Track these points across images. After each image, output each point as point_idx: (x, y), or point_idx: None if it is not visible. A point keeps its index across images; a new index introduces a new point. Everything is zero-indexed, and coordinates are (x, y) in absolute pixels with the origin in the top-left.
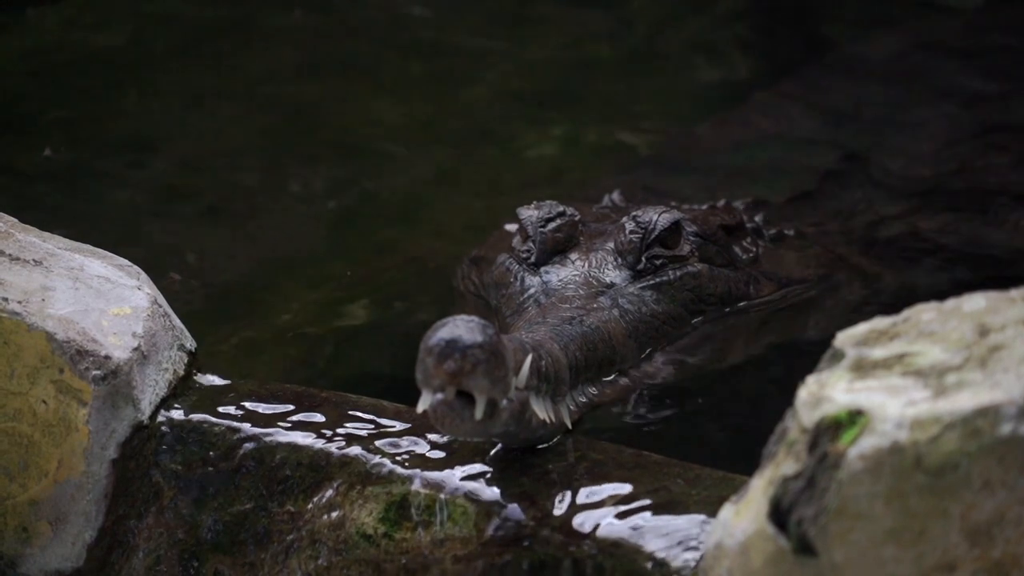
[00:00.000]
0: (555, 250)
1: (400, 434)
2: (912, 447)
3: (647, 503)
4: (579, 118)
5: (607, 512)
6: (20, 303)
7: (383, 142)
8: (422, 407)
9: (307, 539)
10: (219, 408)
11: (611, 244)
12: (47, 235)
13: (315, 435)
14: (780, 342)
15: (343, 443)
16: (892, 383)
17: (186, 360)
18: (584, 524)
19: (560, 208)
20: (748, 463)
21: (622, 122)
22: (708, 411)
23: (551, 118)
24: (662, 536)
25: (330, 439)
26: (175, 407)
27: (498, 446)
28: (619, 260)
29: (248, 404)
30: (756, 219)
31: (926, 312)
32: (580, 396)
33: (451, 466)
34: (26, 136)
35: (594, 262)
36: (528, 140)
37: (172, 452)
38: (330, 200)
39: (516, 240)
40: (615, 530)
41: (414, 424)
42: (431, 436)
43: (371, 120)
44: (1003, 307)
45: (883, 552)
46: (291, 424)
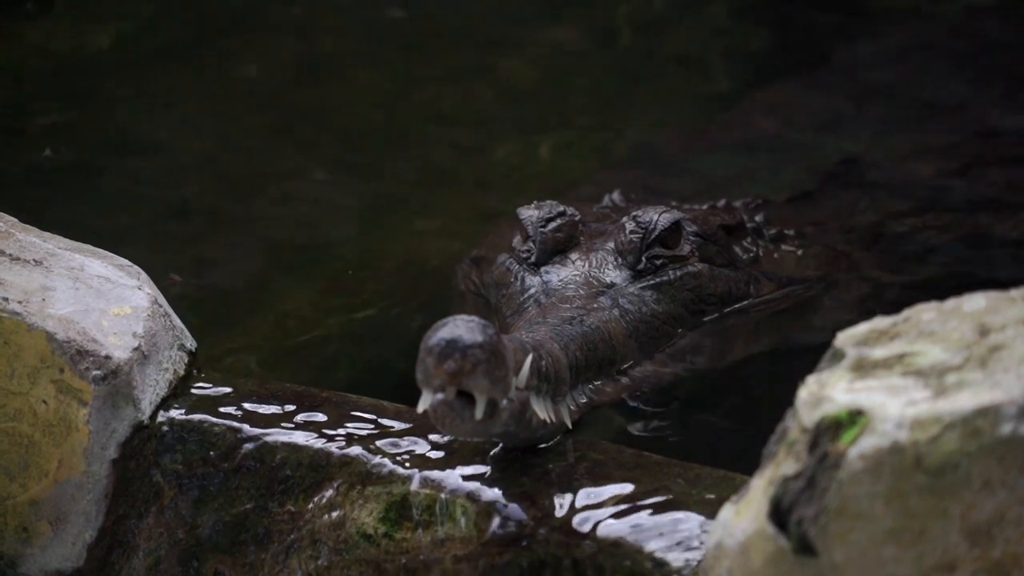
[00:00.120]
0: (555, 250)
1: (400, 434)
2: (912, 447)
3: (647, 503)
4: (580, 118)
5: (607, 512)
6: (20, 303)
7: (383, 141)
8: (422, 407)
9: (307, 539)
10: (219, 408)
11: (611, 244)
12: (47, 235)
13: (315, 435)
14: (780, 342)
15: (343, 443)
16: (892, 383)
17: (186, 360)
18: (584, 524)
19: (560, 208)
20: (748, 463)
21: (622, 122)
22: (708, 411)
23: (553, 117)
24: (662, 536)
25: (330, 439)
26: (175, 407)
27: (498, 446)
28: (619, 260)
29: (248, 404)
30: (756, 219)
31: (926, 312)
32: (580, 396)
33: (451, 466)
34: (26, 136)
35: (594, 262)
36: (529, 140)
37: (172, 452)
38: (330, 199)
39: (516, 240)
40: (615, 530)
41: (414, 424)
42: (431, 436)
43: (371, 119)
44: (1003, 307)
45: (883, 552)
46: (291, 424)
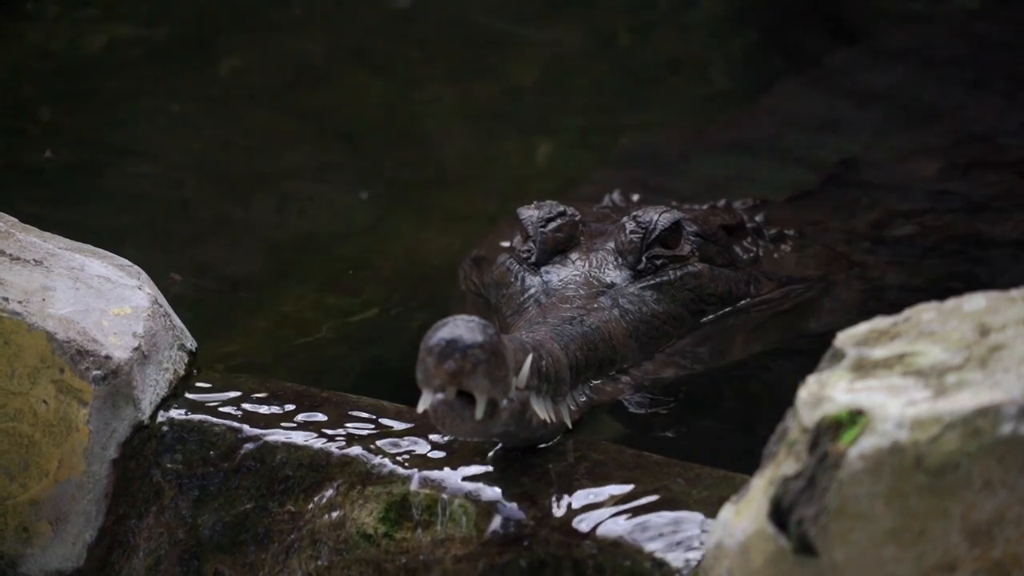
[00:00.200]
0: (555, 250)
1: (401, 434)
2: (912, 447)
3: (647, 503)
4: (581, 118)
5: (607, 512)
6: (21, 303)
7: (383, 141)
8: (422, 407)
9: (307, 539)
10: (219, 408)
11: (611, 244)
12: (48, 235)
13: (316, 435)
14: (780, 342)
15: (344, 443)
16: (892, 383)
17: (186, 360)
18: (584, 524)
19: (560, 208)
20: (748, 463)
21: (623, 122)
22: (708, 411)
23: (553, 118)
24: (662, 536)
25: (331, 439)
26: (175, 407)
27: (498, 446)
28: (619, 260)
29: (248, 404)
30: (756, 219)
31: (926, 312)
32: (580, 396)
33: (452, 466)
34: (26, 137)
35: (594, 262)
36: (530, 140)
37: (172, 452)
38: (330, 199)
39: (516, 240)
40: (615, 530)
41: (415, 424)
42: (432, 436)
43: (371, 119)
44: (1003, 307)
45: (883, 552)
46: (292, 424)
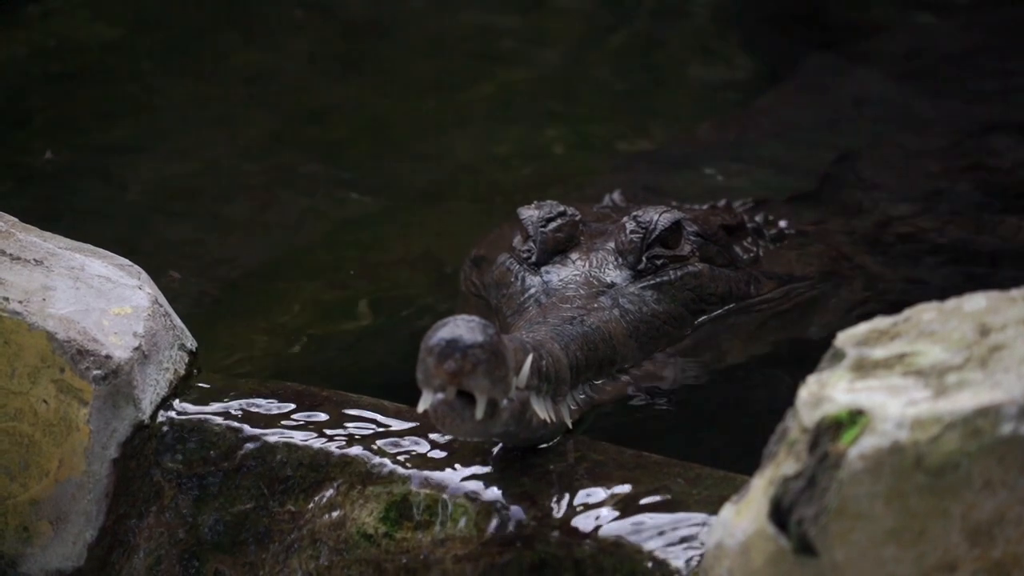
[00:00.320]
0: (556, 250)
1: (401, 434)
2: (913, 447)
3: (647, 503)
4: (580, 118)
5: (607, 512)
6: (21, 303)
7: (385, 141)
8: (423, 407)
9: (308, 539)
10: (220, 407)
11: (612, 244)
12: (48, 235)
13: (316, 435)
14: (781, 342)
15: (344, 443)
16: (893, 383)
17: (187, 359)
18: (584, 524)
19: (561, 208)
20: (748, 463)
21: (623, 122)
22: (708, 411)
23: (552, 117)
24: (662, 536)
25: (331, 438)
26: (176, 406)
27: (499, 446)
28: (620, 260)
29: (249, 403)
30: (757, 219)
31: (927, 312)
32: (580, 396)
33: (452, 466)
34: (27, 137)
35: (595, 262)
36: (529, 139)
37: (173, 451)
38: (331, 199)
39: (517, 240)
40: (615, 530)
41: (415, 424)
42: (432, 436)
43: (372, 119)
44: (1004, 307)
45: (883, 552)
46: (292, 424)
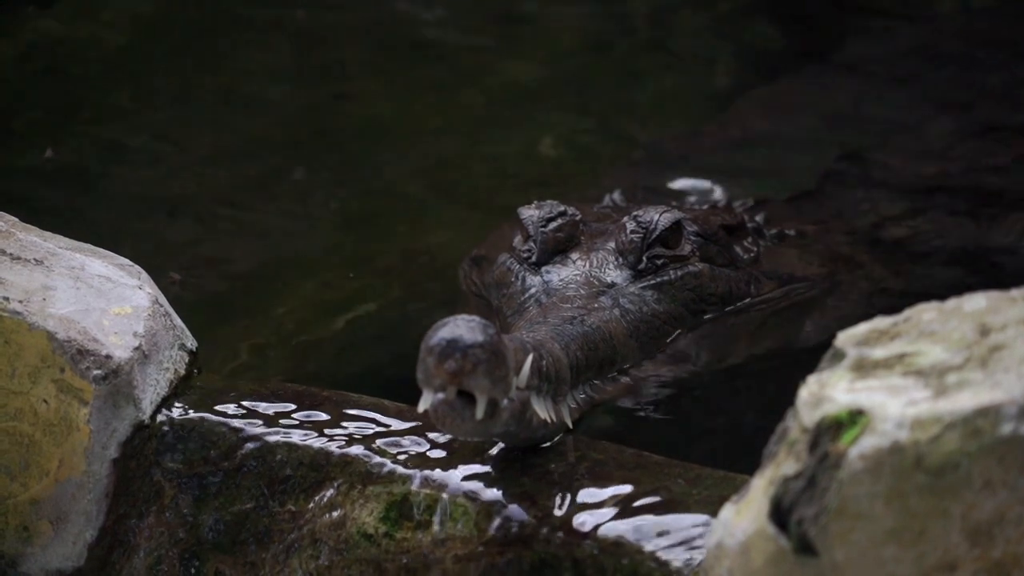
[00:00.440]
0: (556, 250)
1: (401, 433)
2: (913, 447)
3: (648, 503)
4: (580, 117)
5: (608, 512)
6: (21, 302)
7: (385, 141)
8: (423, 407)
9: (308, 539)
10: (220, 407)
11: (612, 244)
12: (48, 234)
13: (316, 434)
14: (781, 342)
15: (344, 442)
16: (893, 383)
17: (187, 359)
18: (585, 524)
19: (561, 208)
20: (749, 463)
21: (623, 122)
22: (708, 411)
23: (552, 117)
24: (663, 536)
25: (331, 438)
26: (176, 406)
27: (499, 446)
28: (620, 260)
29: (249, 403)
30: (757, 219)
31: (927, 312)
32: (581, 395)
33: (452, 466)
34: (26, 136)
35: (595, 262)
36: (529, 139)
37: (173, 451)
38: (331, 199)
39: (517, 240)
40: (616, 530)
41: (415, 424)
42: (432, 435)
43: (373, 119)
44: (1004, 307)
45: (884, 552)
46: (292, 423)
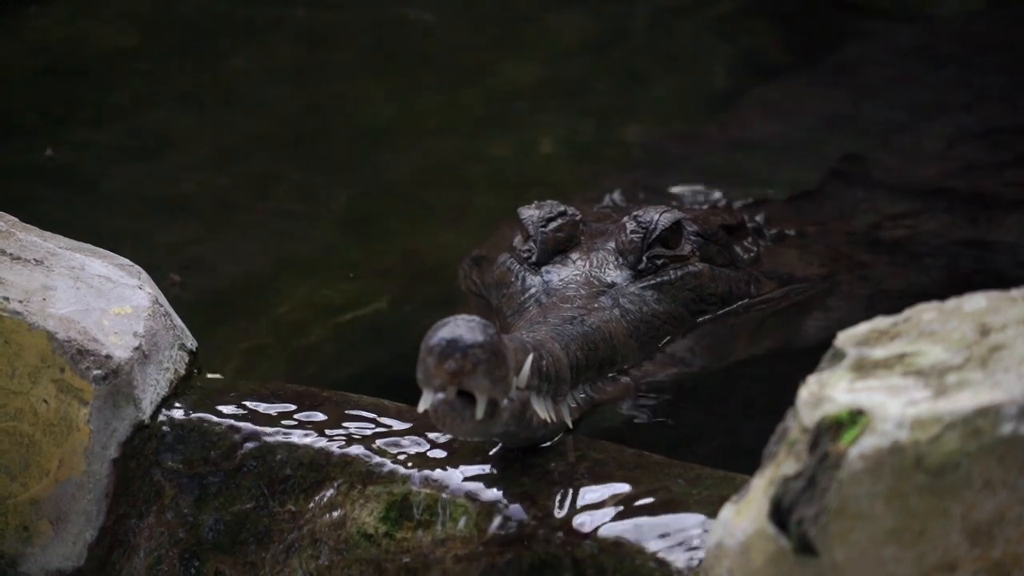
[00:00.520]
0: (556, 250)
1: (401, 433)
2: (913, 447)
3: (648, 503)
4: (580, 118)
5: (608, 512)
6: (21, 302)
7: (385, 141)
8: (423, 407)
9: (308, 538)
10: (220, 407)
11: (612, 244)
12: (48, 234)
13: (316, 434)
14: (781, 342)
15: (344, 442)
16: (893, 383)
17: (187, 359)
18: (585, 524)
19: (561, 208)
20: (749, 463)
21: (623, 122)
22: (708, 411)
23: (551, 118)
24: (663, 536)
25: (331, 438)
26: (176, 406)
27: (499, 446)
28: (620, 260)
29: (249, 403)
30: (757, 219)
31: (927, 312)
32: (581, 395)
33: (452, 466)
34: (27, 136)
35: (595, 262)
36: (529, 140)
37: (173, 451)
38: (331, 199)
39: (517, 240)
40: (616, 530)
41: (415, 424)
42: (432, 436)
43: (373, 119)
44: (1004, 307)
45: (884, 552)
46: (292, 423)
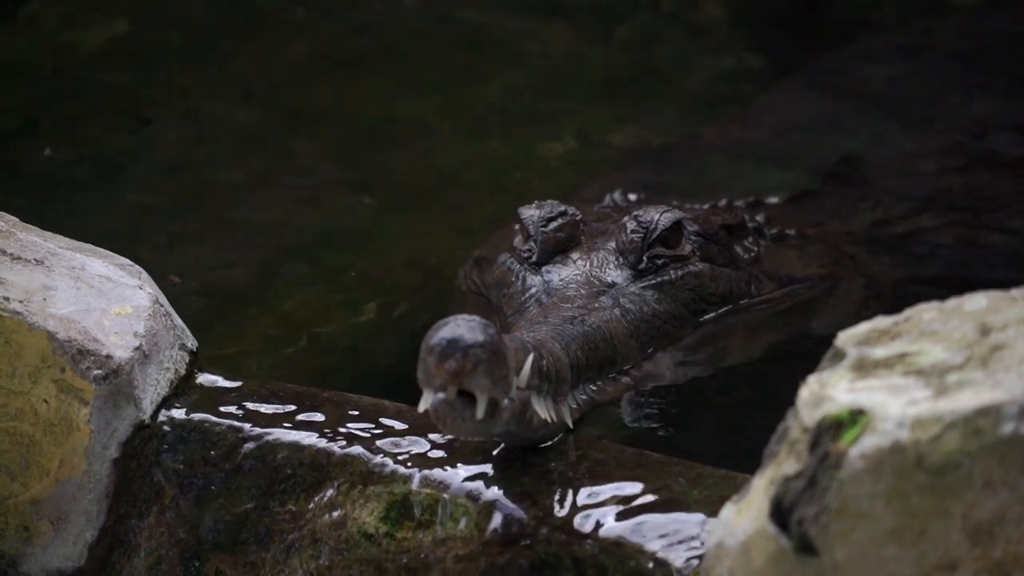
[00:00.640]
0: (556, 249)
1: (401, 433)
2: (913, 446)
3: (648, 502)
4: (580, 119)
5: (608, 511)
6: (21, 302)
7: (385, 141)
8: (423, 407)
9: (308, 538)
10: (220, 407)
11: (612, 243)
12: (48, 234)
13: (316, 434)
14: (781, 341)
15: (344, 442)
16: (893, 382)
17: (187, 359)
18: (585, 523)
19: (561, 207)
20: (749, 462)
21: (625, 121)
22: (709, 410)
23: (554, 117)
24: (663, 535)
25: (331, 438)
26: (176, 406)
27: (499, 445)
28: (620, 259)
29: (249, 404)
30: (757, 218)
31: (927, 311)
32: (581, 395)
33: (452, 465)
34: (26, 136)
35: (595, 261)
36: (529, 140)
37: (174, 451)
38: (331, 199)
39: (517, 239)
40: (616, 529)
41: (415, 423)
42: (432, 435)
43: (373, 119)
44: (1004, 306)
45: (884, 551)
46: (292, 424)
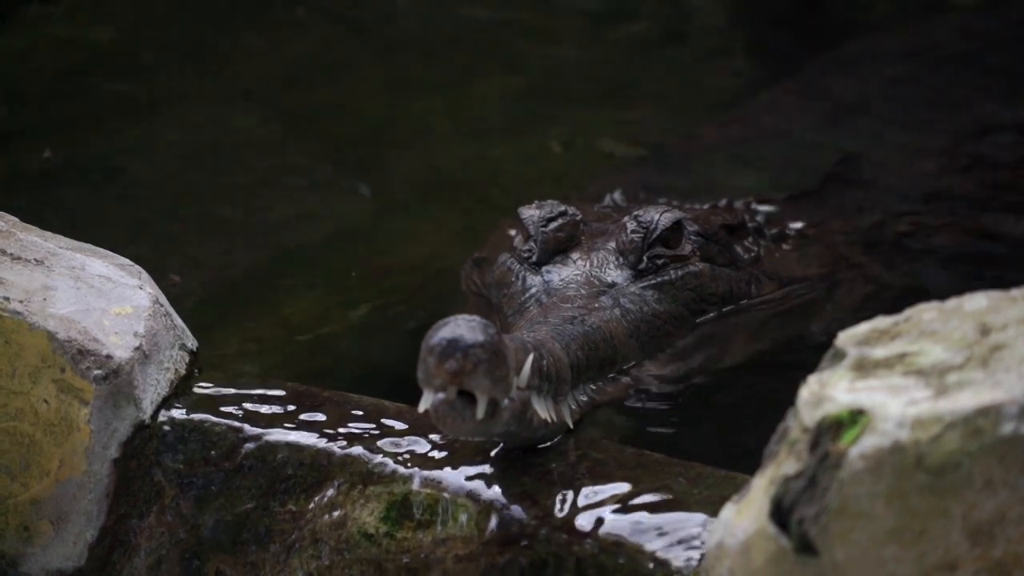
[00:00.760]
0: (556, 249)
1: (401, 433)
2: (913, 446)
3: (648, 502)
4: (581, 119)
5: (608, 511)
6: (22, 302)
7: (385, 141)
8: (423, 407)
9: (308, 538)
10: (221, 407)
11: (613, 243)
12: (48, 234)
13: (316, 435)
14: (781, 341)
15: (344, 443)
16: (893, 382)
17: (188, 359)
18: (586, 523)
19: (561, 207)
20: (749, 462)
21: (624, 122)
22: (709, 410)
23: (554, 117)
24: (663, 535)
25: (332, 438)
26: (177, 406)
27: (499, 445)
28: (621, 259)
29: (249, 403)
30: (757, 218)
31: (927, 311)
32: (581, 395)
33: (453, 465)
34: (26, 137)
35: (595, 261)
36: (530, 140)
37: (174, 451)
38: (332, 199)
39: (517, 240)
40: (617, 529)
41: (415, 424)
42: (432, 436)
43: (373, 119)
44: (1004, 306)
45: (884, 551)
46: (292, 424)
